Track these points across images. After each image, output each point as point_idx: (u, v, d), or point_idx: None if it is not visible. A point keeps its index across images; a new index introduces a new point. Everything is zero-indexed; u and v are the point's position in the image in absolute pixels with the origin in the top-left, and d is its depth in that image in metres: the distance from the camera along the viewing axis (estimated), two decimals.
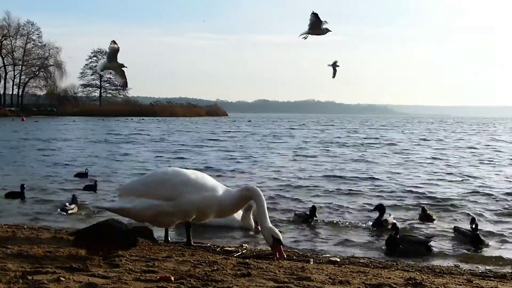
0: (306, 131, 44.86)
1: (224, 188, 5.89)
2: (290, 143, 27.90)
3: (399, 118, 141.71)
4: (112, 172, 14.15)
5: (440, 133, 45.25)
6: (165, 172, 6.02)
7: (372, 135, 38.68)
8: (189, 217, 5.78)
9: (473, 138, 36.99)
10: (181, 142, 27.86)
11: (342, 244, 6.87)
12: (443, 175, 14.38)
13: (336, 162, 17.74)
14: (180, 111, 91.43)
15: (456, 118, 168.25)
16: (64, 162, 16.46)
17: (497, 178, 14.14)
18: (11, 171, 13.95)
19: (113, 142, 27.12)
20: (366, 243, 6.94)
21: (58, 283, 3.76)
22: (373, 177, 13.64)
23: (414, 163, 17.95)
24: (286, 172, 14.61)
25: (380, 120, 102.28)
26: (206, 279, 4.08)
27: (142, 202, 5.70)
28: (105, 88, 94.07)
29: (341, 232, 7.48)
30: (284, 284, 4.08)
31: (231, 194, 5.77)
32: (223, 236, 6.85)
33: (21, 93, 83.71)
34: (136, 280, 3.98)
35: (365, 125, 68.09)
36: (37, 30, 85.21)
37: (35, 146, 22.99)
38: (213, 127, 50.61)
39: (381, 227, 7.59)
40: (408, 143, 29.33)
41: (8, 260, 4.43)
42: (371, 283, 4.25)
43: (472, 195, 10.91)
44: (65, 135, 32.07)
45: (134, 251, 5.23)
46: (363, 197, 10.56)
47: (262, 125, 60.99)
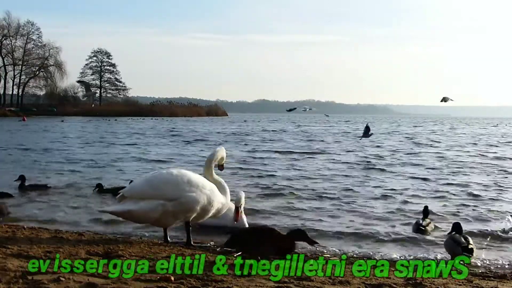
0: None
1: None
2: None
3: (405, 118, 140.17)
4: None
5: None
6: (169, 172, 6.03)
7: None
8: (190, 216, 5.85)
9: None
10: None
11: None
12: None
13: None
14: (180, 111, 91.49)
15: (456, 118, 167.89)
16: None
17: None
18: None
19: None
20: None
21: (58, 283, 3.76)
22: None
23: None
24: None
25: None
26: (206, 279, 4.08)
27: (148, 203, 5.71)
28: (105, 88, 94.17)
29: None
30: (284, 284, 4.08)
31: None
32: (223, 236, 6.83)
33: (21, 93, 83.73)
34: (136, 280, 3.99)
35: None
36: (37, 30, 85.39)
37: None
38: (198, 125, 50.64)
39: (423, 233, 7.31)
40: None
41: (8, 260, 4.43)
42: (371, 283, 4.25)
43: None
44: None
45: (134, 251, 5.23)
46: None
47: (254, 124, 60.96)
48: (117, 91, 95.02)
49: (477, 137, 36.66)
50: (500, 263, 6.02)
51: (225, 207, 6.27)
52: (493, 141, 31.65)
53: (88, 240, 5.76)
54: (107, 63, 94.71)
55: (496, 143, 29.50)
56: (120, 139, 28.12)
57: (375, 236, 7.18)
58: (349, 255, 6.15)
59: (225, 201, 6.20)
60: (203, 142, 27.02)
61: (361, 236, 7.21)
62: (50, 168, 14.41)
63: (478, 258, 6.03)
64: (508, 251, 6.57)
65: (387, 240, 6.98)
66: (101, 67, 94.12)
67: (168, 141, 27.48)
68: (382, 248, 6.61)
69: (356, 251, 6.39)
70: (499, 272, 5.46)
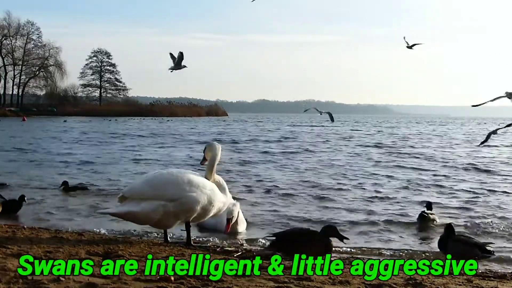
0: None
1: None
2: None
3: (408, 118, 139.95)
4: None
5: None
6: (170, 172, 6.00)
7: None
8: (191, 216, 5.83)
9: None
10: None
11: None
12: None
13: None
14: (180, 111, 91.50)
15: (456, 118, 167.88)
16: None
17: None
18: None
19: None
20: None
21: (58, 283, 3.76)
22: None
23: None
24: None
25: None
26: (206, 279, 4.08)
27: (150, 204, 5.65)
28: (105, 88, 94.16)
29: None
30: (284, 284, 4.08)
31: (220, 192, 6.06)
32: (223, 236, 6.84)
33: (21, 93, 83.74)
34: (136, 280, 3.98)
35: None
36: (37, 30, 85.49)
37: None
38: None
39: (426, 221, 7.72)
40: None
41: (8, 260, 4.43)
42: (371, 283, 4.25)
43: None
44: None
45: (134, 251, 5.23)
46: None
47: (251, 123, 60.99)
48: (117, 91, 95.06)
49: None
50: (500, 263, 6.03)
51: (225, 206, 6.26)
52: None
53: (88, 240, 5.75)
54: (107, 63, 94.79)
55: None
56: (121, 139, 28.15)
57: (375, 236, 7.18)
58: (349, 254, 6.15)
59: (225, 200, 6.18)
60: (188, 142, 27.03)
61: (362, 234, 7.23)
62: (53, 168, 14.43)
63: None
64: (508, 251, 6.58)
65: (388, 240, 6.99)
66: (101, 67, 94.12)
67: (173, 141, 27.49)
68: (382, 248, 6.60)
69: (356, 251, 6.39)
70: (499, 272, 5.46)
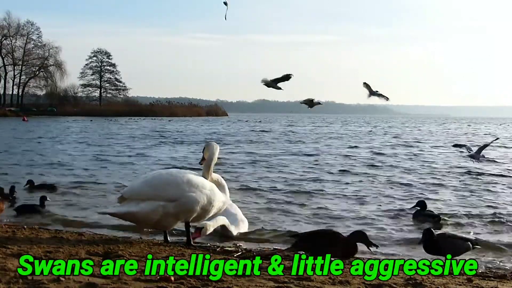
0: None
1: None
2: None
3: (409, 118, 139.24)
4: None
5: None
6: (169, 172, 6.00)
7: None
8: (191, 216, 5.82)
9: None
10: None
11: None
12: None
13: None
14: (180, 111, 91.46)
15: (456, 118, 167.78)
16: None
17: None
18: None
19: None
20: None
21: (58, 283, 3.76)
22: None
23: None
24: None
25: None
26: (206, 279, 4.08)
27: (149, 204, 5.64)
28: (105, 88, 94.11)
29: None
30: (284, 284, 4.08)
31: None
32: (223, 236, 6.84)
33: (21, 93, 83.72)
34: (136, 280, 3.98)
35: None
36: (37, 30, 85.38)
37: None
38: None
39: (422, 218, 7.87)
40: None
41: (8, 260, 4.43)
42: (371, 283, 4.25)
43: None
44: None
45: (134, 251, 5.24)
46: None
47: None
48: (117, 91, 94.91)
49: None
50: (500, 263, 6.02)
51: (225, 205, 6.25)
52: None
53: (88, 240, 5.76)
54: (107, 63, 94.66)
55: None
56: (120, 140, 28.17)
57: (375, 236, 7.18)
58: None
59: (225, 199, 6.17)
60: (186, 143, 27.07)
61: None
62: (53, 167, 14.45)
63: (478, 258, 6.02)
64: (508, 251, 6.57)
65: (387, 240, 6.99)
66: (101, 67, 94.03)
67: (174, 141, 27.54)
68: (383, 247, 6.60)
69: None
70: (499, 272, 5.46)
